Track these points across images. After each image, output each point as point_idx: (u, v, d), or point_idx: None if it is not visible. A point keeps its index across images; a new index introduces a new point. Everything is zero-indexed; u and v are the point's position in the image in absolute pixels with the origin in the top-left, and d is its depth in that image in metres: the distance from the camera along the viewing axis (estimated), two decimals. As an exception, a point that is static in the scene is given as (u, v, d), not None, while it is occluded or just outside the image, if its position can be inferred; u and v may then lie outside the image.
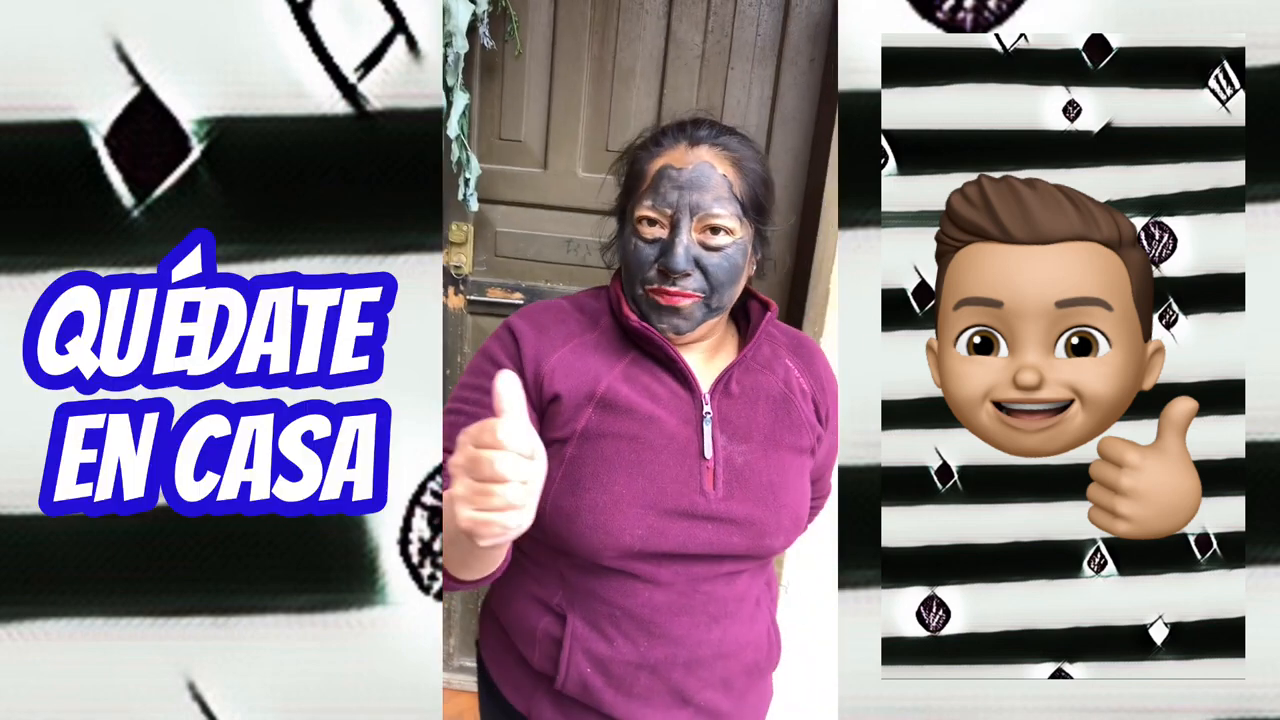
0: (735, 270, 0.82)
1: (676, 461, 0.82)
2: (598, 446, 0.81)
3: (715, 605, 0.84)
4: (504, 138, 1.65)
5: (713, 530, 0.81)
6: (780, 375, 0.89)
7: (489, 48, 1.51)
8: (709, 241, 0.80)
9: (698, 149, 0.82)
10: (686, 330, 0.83)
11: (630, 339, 0.86)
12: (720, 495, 0.82)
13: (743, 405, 0.86)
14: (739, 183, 0.82)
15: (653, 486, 0.80)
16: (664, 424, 0.82)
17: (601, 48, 1.59)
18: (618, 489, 0.80)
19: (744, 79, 1.58)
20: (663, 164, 0.82)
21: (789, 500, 0.85)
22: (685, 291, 0.80)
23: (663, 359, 0.84)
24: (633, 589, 0.82)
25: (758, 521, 0.82)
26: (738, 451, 0.84)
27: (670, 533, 0.80)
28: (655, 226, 0.81)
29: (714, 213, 0.80)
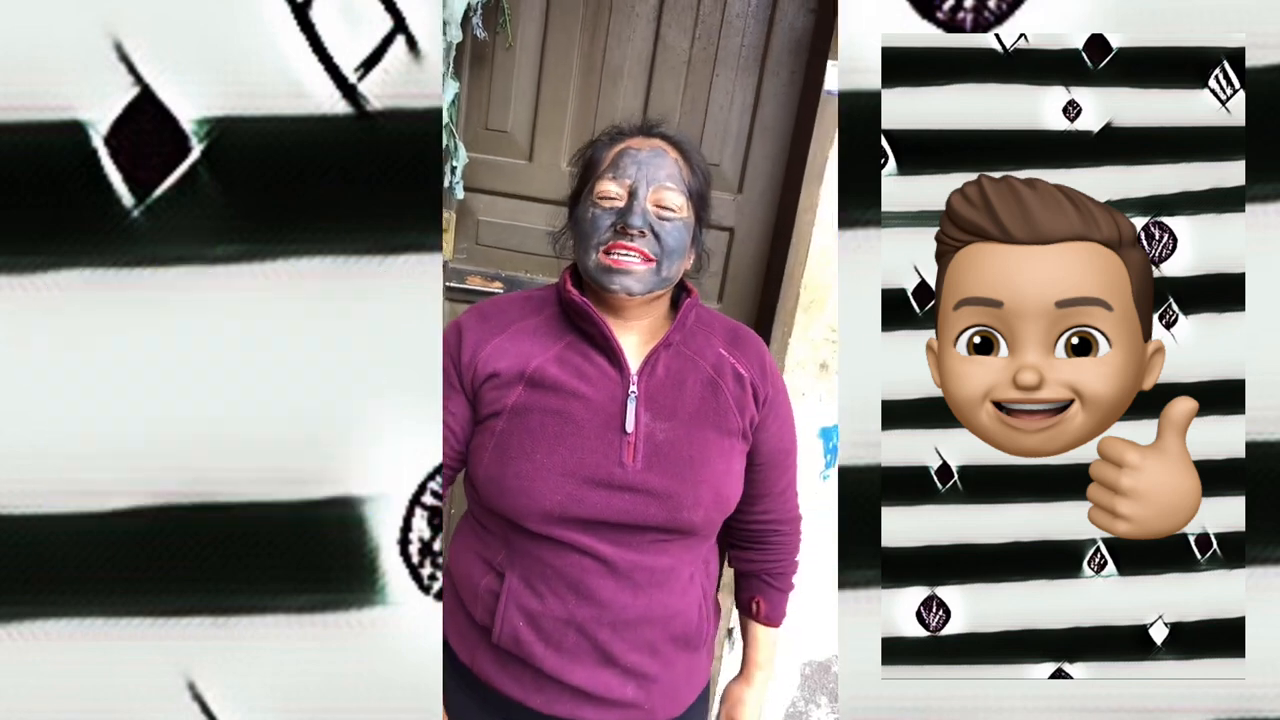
0: (682, 242, 0.90)
1: (599, 435, 0.88)
2: (526, 420, 0.88)
3: (642, 573, 0.89)
4: (491, 128, 1.66)
5: (630, 500, 0.86)
6: (710, 360, 0.94)
7: (481, 38, 1.52)
8: (662, 212, 0.89)
9: (653, 139, 0.93)
10: (638, 291, 0.88)
11: (570, 323, 0.93)
12: (639, 467, 0.87)
13: (669, 386, 0.92)
14: (686, 172, 0.92)
15: (573, 457, 0.86)
16: (590, 400, 0.89)
17: (591, 45, 1.61)
18: (540, 458, 0.86)
19: (727, 86, 1.62)
20: (623, 147, 0.92)
21: (708, 476, 0.89)
22: (640, 248, 0.87)
23: (598, 338, 0.91)
24: (563, 552, 0.87)
25: (674, 494, 0.87)
26: (660, 428, 0.89)
27: (589, 500, 0.86)
28: (614, 199, 0.89)
29: (667, 185, 0.89)
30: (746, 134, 1.65)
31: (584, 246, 0.90)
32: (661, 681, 0.93)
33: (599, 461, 0.86)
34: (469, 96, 1.63)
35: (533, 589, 0.89)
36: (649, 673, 0.92)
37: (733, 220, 1.67)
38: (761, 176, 1.66)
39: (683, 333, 0.94)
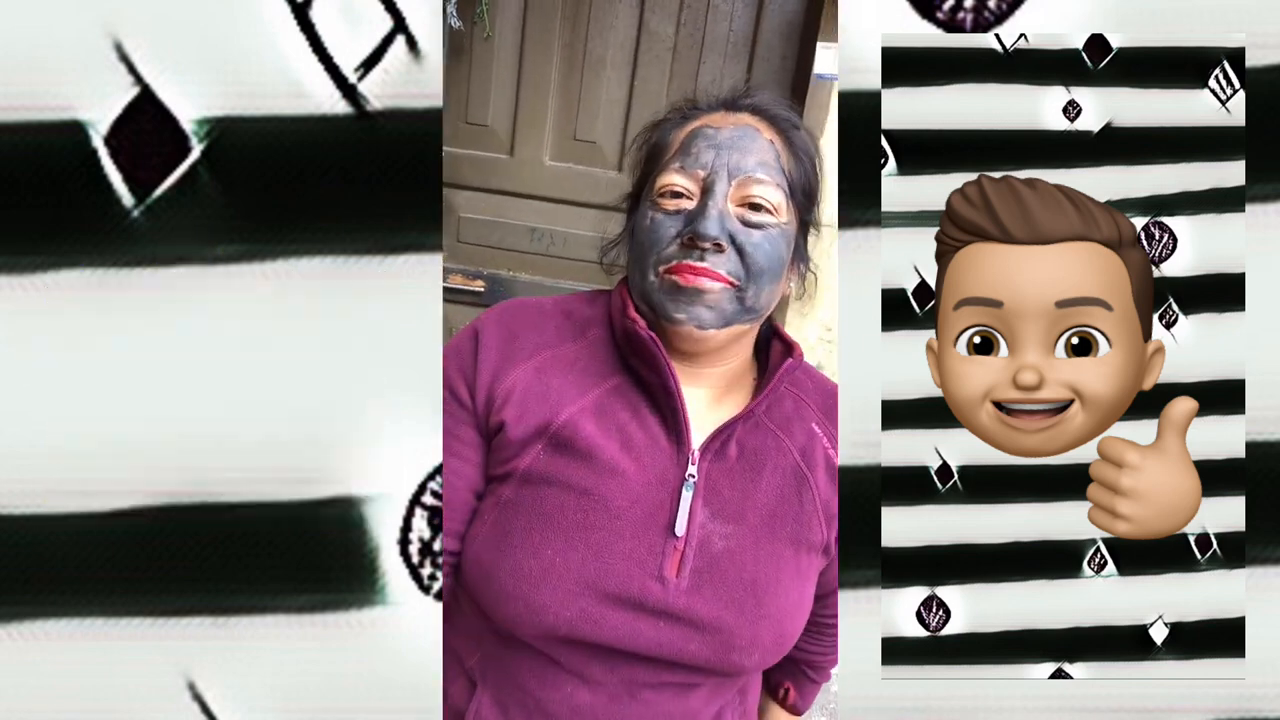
0: (777, 260, 0.65)
1: (635, 532, 0.64)
2: (540, 496, 0.64)
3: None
4: (471, 121, 1.63)
5: (666, 630, 0.63)
6: (799, 442, 0.70)
7: (457, 28, 1.49)
8: (749, 216, 0.64)
9: (739, 114, 0.69)
10: (711, 325, 0.64)
11: (620, 358, 0.68)
12: (684, 585, 0.64)
13: (741, 474, 0.67)
14: (788, 157, 0.68)
15: (596, 560, 0.63)
16: (630, 480, 0.65)
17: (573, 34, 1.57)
18: (549, 554, 0.63)
19: (715, 73, 1.57)
20: (697, 125, 0.68)
21: (775, 608, 0.66)
22: (714, 271, 0.62)
23: (658, 389, 0.66)
24: (554, 680, 0.66)
25: (727, 629, 0.64)
26: (720, 533, 0.65)
27: (608, 622, 0.63)
28: (681, 198, 0.65)
29: (758, 177, 0.64)
30: None
31: (639, 264, 0.66)
32: None
33: (631, 571, 0.63)
34: (447, 90, 1.61)
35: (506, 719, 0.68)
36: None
37: None
38: None
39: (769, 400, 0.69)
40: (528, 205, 1.64)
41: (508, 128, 1.62)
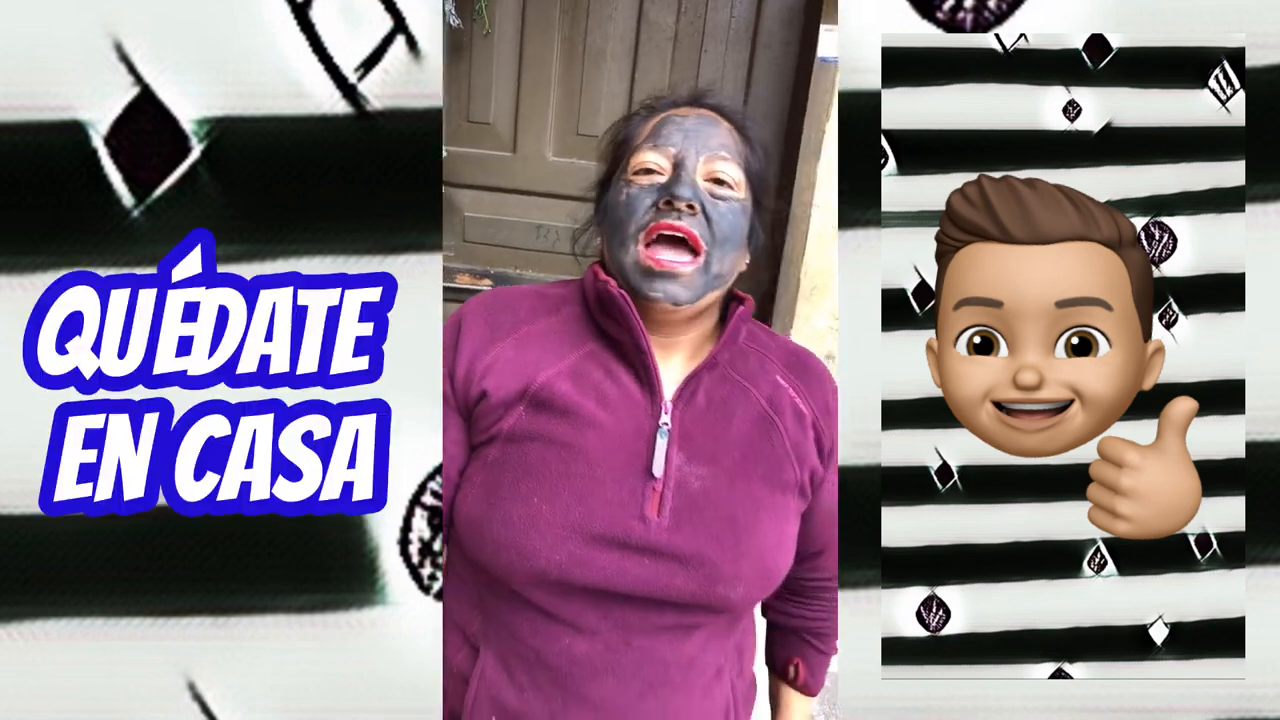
0: (738, 230, 0.72)
1: (616, 478, 0.68)
2: (524, 451, 0.68)
3: (652, 668, 0.69)
4: (472, 120, 1.62)
5: (650, 566, 0.67)
6: (765, 391, 0.75)
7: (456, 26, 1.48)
8: (715, 189, 0.71)
9: (700, 108, 0.76)
10: (685, 300, 0.70)
11: (594, 326, 0.74)
12: (665, 524, 0.68)
13: (712, 419, 0.72)
14: (743, 146, 0.75)
15: (581, 505, 0.67)
16: (608, 431, 0.69)
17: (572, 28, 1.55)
18: (536, 502, 0.67)
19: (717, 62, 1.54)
20: (665, 116, 0.74)
21: (754, 542, 0.70)
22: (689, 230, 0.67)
23: (628, 346, 0.71)
24: (550, 632, 0.69)
25: (709, 561, 0.68)
26: (696, 474, 0.70)
27: (596, 563, 0.66)
28: (654, 174, 0.71)
29: (722, 155, 0.71)
30: None
31: (619, 237, 0.70)
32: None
33: (614, 513, 0.67)
34: (447, 88, 1.59)
35: (511, 677, 0.71)
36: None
37: None
38: None
39: (732, 351, 0.75)
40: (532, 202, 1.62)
41: (509, 125, 1.61)
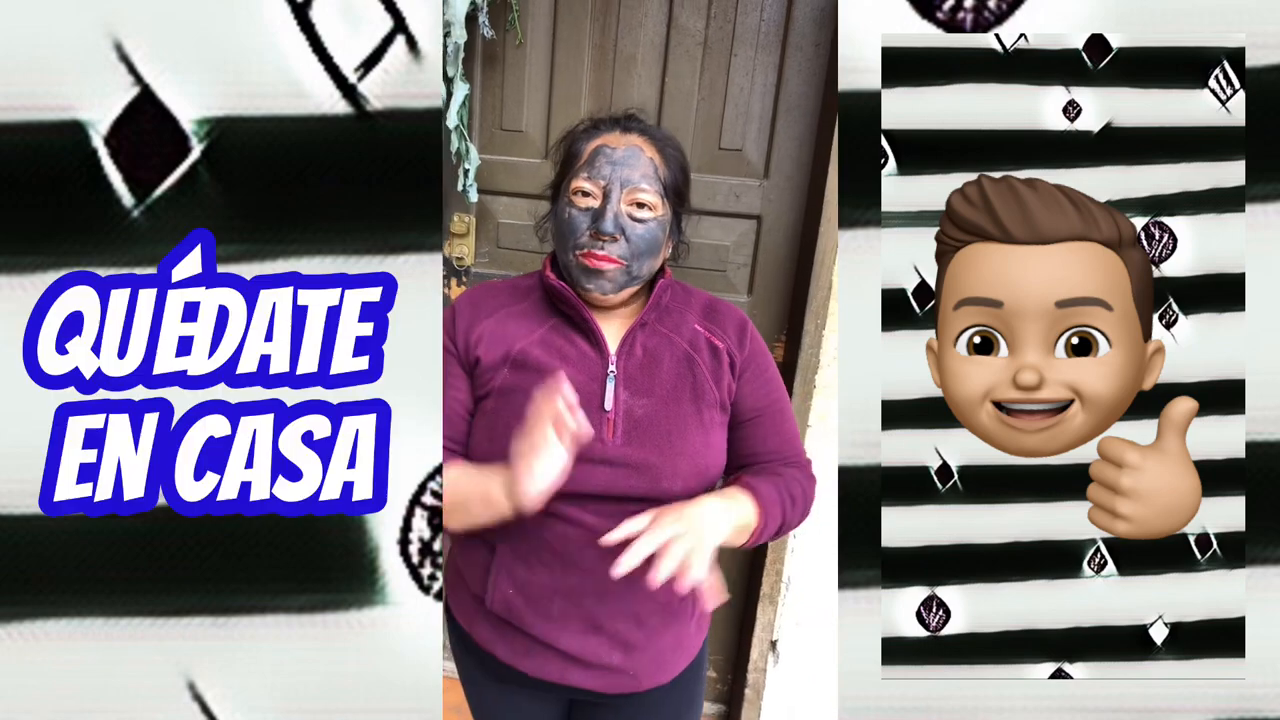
0: (655, 242, 0.94)
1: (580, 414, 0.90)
2: (511, 400, 0.91)
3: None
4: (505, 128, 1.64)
5: (609, 473, 0.90)
6: (685, 337, 0.98)
7: (489, 37, 1.50)
8: (635, 214, 0.92)
9: (630, 135, 0.95)
10: (610, 291, 0.93)
11: (553, 306, 0.98)
12: (618, 442, 0.91)
13: (647, 364, 0.96)
14: (663, 168, 0.95)
15: None
16: (572, 380, 0.90)
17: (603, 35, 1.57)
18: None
19: (747, 66, 1.55)
20: (599, 144, 0.95)
21: (686, 448, 0.93)
22: (610, 256, 0.90)
23: (578, 320, 0.95)
24: (550, 524, 0.90)
25: (653, 465, 0.91)
26: (638, 405, 0.93)
27: (571, 474, 0.84)
28: (589, 198, 0.92)
29: (641, 187, 0.92)
30: (770, 115, 1.57)
31: (562, 245, 0.95)
32: (647, 650, 0.96)
33: None
34: (482, 98, 1.61)
35: (523, 559, 0.93)
36: (634, 641, 0.95)
37: (759, 208, 1.61)
38: (788, 160, 1.59)
39: (657, 312, 0.98)
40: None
41: (542, 132, 1.63)
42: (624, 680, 0.96)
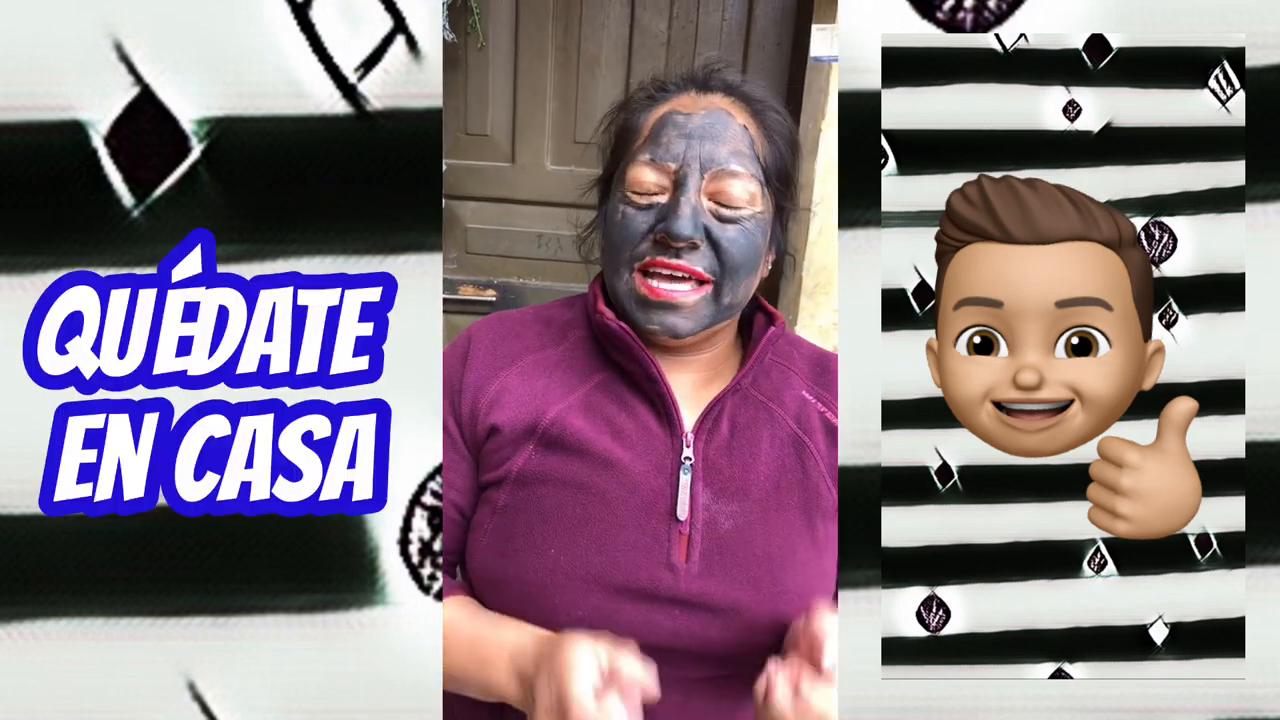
0: (754, 252, 0.64)
1: (638, 522, 0.63)
2: (537, 496, 0.63)
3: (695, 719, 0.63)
4: (470, 132, 1.63)
5: (681, 618, 0.61)
6: (791, 410, 0.68)
7: (450, 40, 1.49)
8: (723, 211, 0.63)
9: (711, 95, 0.66)
10: (686, 332, 0.64)
11: (602, 354, 0.68)
12: (695, 570, 0.62)
13: (738, 449, 0.66)
14: (762, 141, 0.66)
15: (601, 554, 0.62)
16: (626, 470, 0.64)
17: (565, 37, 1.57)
18: (554, 554, 0.62)
19: None
20: (666, 110, 0.65)
21: (795, 582, 0.64)
22: (689, 267, 0.62)
23: (640, 379, 0.65)
24: None
25: (746, 608, 0.62)
26: (725, 513, 0.64)
27: (622, 618, 0.61)
28: (653, 192, 0.63)
29: (732, 169, 0.63)
30: None
31: (613, 263, 0.65)
32: None
33: (638, 561, 0.62)
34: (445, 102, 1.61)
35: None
36: None
37: None
38: None
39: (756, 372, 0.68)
40: (532, 211, 1.64)
41: (507, 135, 1.62)
42: None
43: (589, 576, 0.61)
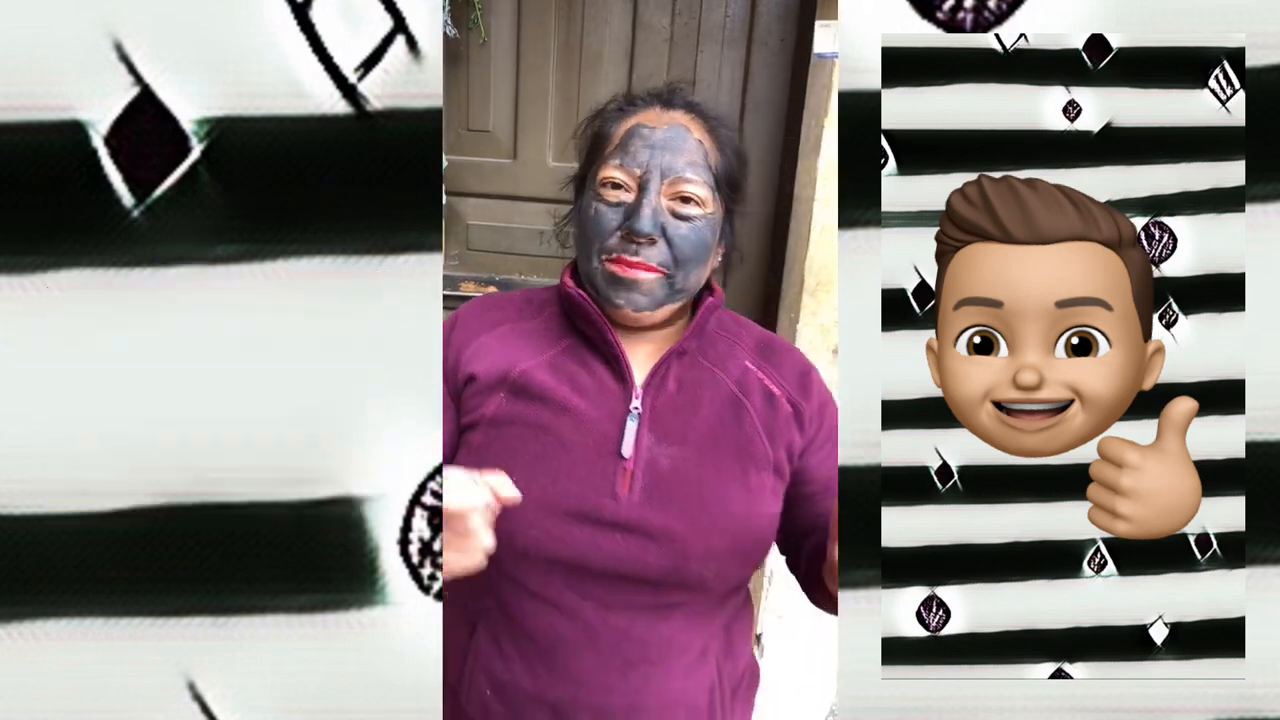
0: (703, 247, 0.75)
1: (588, 459, 0.72)
2: (503, 435, 0.74)
3: (631, 646, 0.72)
4: (472, 128, 1.62)
5: (622, 542, 0.70)
6: (734, 375, 0.79)
7: (452, 36, 1.49)
8: (679, 210, 0.74)
9: (673, 112, 0.78)
10: (645, 308, 0.75)
11: (570, 325, 0.79)
12: (636, 501, 0.71)
13: (681, 403, 0.76)
14: (714, 153, 0.76)
15: (556, 483, 0.72)
16: (582, 416, 0.74)
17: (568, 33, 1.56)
18: (517, 483, 0.70)
19: (714, 62, 1.55)
20: (634, 123, 0.76)
21: (724, 515, 0.72)
22: (647, 263, 0.73)
23: (599, 342, 0.76)
24: (535, 610, 0.73)
25: (679, 536, 0.71)
26: (665, 454, 0.73)
27: (570, 539, 0.71)
28: (620, 190, 0.74)
29: (686, 176, 0.73)
30: (738, 111, 1.57)
31: (585, 250, 0.77)
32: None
33: (586, 491, 0.72)
34: (447, 98, 1.60)
35: (500, 651, 0.75)
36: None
37: None
38: (757, 155, 1.58)
39: (700, 339, 0.79)
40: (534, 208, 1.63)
41: (509, 132, 1.62)
42: None
43: (545, 502, 0.71)
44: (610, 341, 0.76)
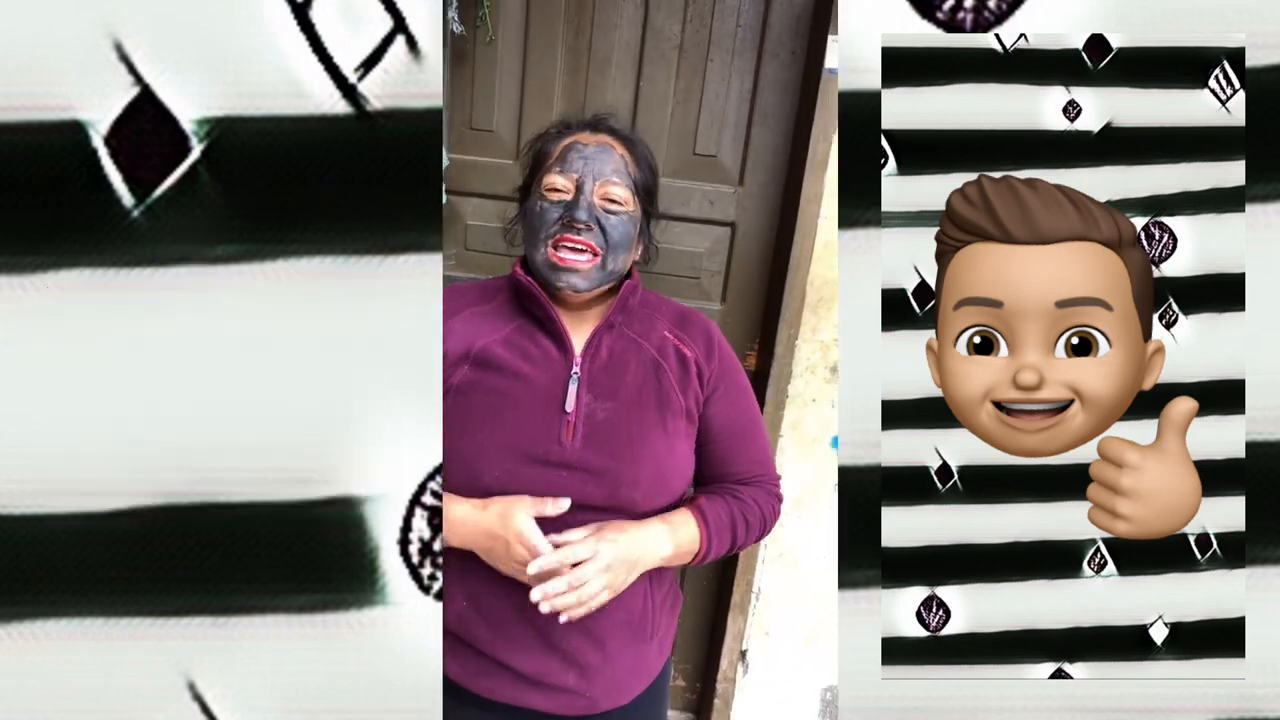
0: (628, 236, 0.94)
1: (539, 414, 0.90)
2: (469, 398, 0.91)
3: None
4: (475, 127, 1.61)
5: (568, 478, 0.88)
6: (654, 343, 0.97)
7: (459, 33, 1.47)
8: (608, 206, 0.92)
9: (600, 134, 0.97)
10: (584, 288, 0.92)
11: (521, 307, 0.97)
12: (578, 445, 0.89)
13: (612, 368, 0.94)
14: (633, 166, 0.96)
15: (513, 435, 0.89)
16: (533, 381, 0.92)
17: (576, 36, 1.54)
18: (480, 436, 0.88)
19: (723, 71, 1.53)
20: (570, 141, 0.95)
21: (648, 454, 0.91)
22: (586, 242, 0.90)
23: (544, 320, 0.94)
24: None
25: (613, 472, 0.89)
26: (601, 408, 0.92)
27: (525, 477, 0.87)
28: (561, 192, 0.92)
29: (613, 180, 0.93)
30: (746, 122, 1.56)
31: (532, 240, 0.94)
32: (604, 671, 0.93)
33: (537, 439, 0.88)
34: (451, 96, 1.58)
35: (475, 568, 0.90)
36: (590, 661, 0.92)
37: (734, 215, 1.60)
38: (763, 167, 1.58)
39: (624, 315, 0.97)
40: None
41: (513, 132, 1.60)
42: (579, 702, 0.93)
43: (503, 449, 0.88)
44: (554, 318, 0.93)
